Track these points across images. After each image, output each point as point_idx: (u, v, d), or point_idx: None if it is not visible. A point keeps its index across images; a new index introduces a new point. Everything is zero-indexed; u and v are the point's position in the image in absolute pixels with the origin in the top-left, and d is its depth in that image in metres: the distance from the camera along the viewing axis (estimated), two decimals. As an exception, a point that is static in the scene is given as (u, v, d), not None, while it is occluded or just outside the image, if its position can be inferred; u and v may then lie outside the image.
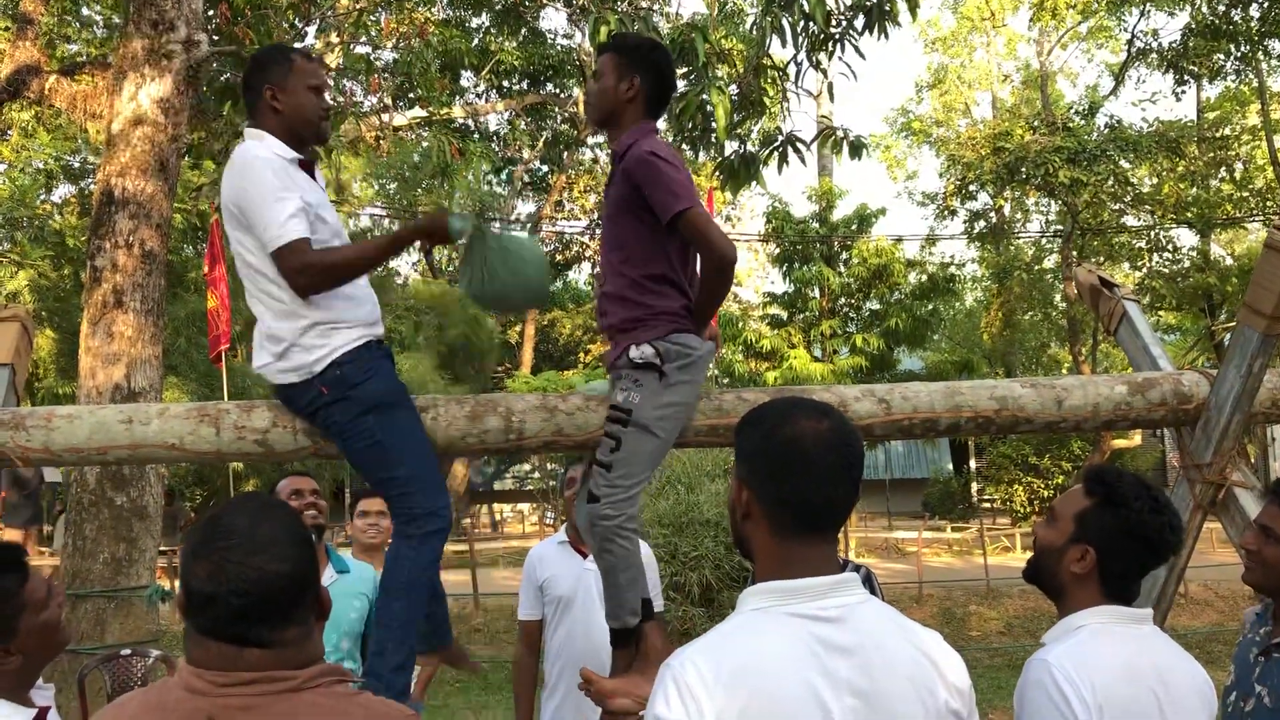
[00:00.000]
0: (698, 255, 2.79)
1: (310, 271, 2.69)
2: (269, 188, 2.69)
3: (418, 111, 15.80)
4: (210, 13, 9.29)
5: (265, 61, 2.89)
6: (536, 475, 28.56)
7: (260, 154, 2.75)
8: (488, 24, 22.58)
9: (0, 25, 12.13)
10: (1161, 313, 24.72)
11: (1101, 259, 23.05)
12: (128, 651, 6.08)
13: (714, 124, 6.23)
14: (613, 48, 2.92)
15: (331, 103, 2.96)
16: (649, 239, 2.75)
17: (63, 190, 20.50)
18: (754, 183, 7.13)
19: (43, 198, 19.03)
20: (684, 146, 6.93)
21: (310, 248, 2.70)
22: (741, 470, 1.66)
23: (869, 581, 2.88)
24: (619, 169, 2.79)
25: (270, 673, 1.55)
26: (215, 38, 8.77)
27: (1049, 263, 28.14)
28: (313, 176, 2.88)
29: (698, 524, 9.23)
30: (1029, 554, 2.30)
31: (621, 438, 2.70)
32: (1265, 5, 17.50)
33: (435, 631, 3.15)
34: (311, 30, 14.77)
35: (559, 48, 23.24)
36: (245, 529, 1.59)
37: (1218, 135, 23.70)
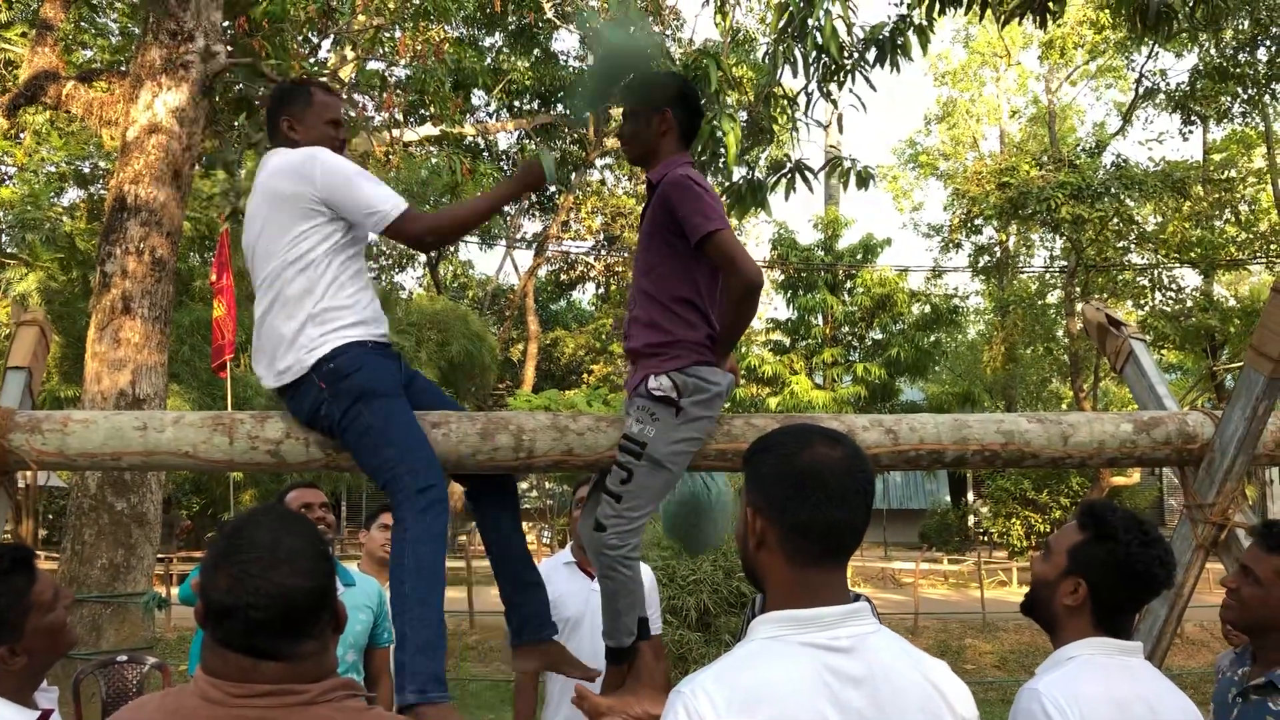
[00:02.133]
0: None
1: (439, 229, 2.90)
2: (354, 169, 2.83)
3: (429, 129, 15.88)
4: (227, 24, 9.37)
5: (285, 95, 3.02)
6: (534, 494, 28.55)
7: (316, 149, 2.85)
8: (501, 44, 22.75)
9: (18, 30, 12.23)
10: (1164, 351, 24.77)
11: (1105, 296, 23.12)
12: (123, 658, 6.07)
13: (723, 150, 6.27)
14: (641, 87, 2.99)
15: (346, 135, 3.05)
16: (678, 263, 2.80)
17: (73, 195, 20.60)
18: (760, 209, 7.17)
19: (53, 201, 19.10)
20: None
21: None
22: (755, 498, 1.66)
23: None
24: (655, 195, 2.84)
25: (285, 685, 1.57)
26: (230, 49, 8.83)
27: (1052, 298, 28.22)
28: None
29: (696, 548, 9.21)
30: (1026, 588, 2.33)
31: (633, 470, 2.73)
32: (1273, 49, 17.62)
33: (527, 624, 3.02)
34: (326, 44, 14.89)
35: (571, 69, 23.40)
36: (266, 542, 1.60)
37: (1223, 177, 23.86)
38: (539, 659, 3.05)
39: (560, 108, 23.70)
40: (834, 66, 6.67)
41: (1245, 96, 19.83)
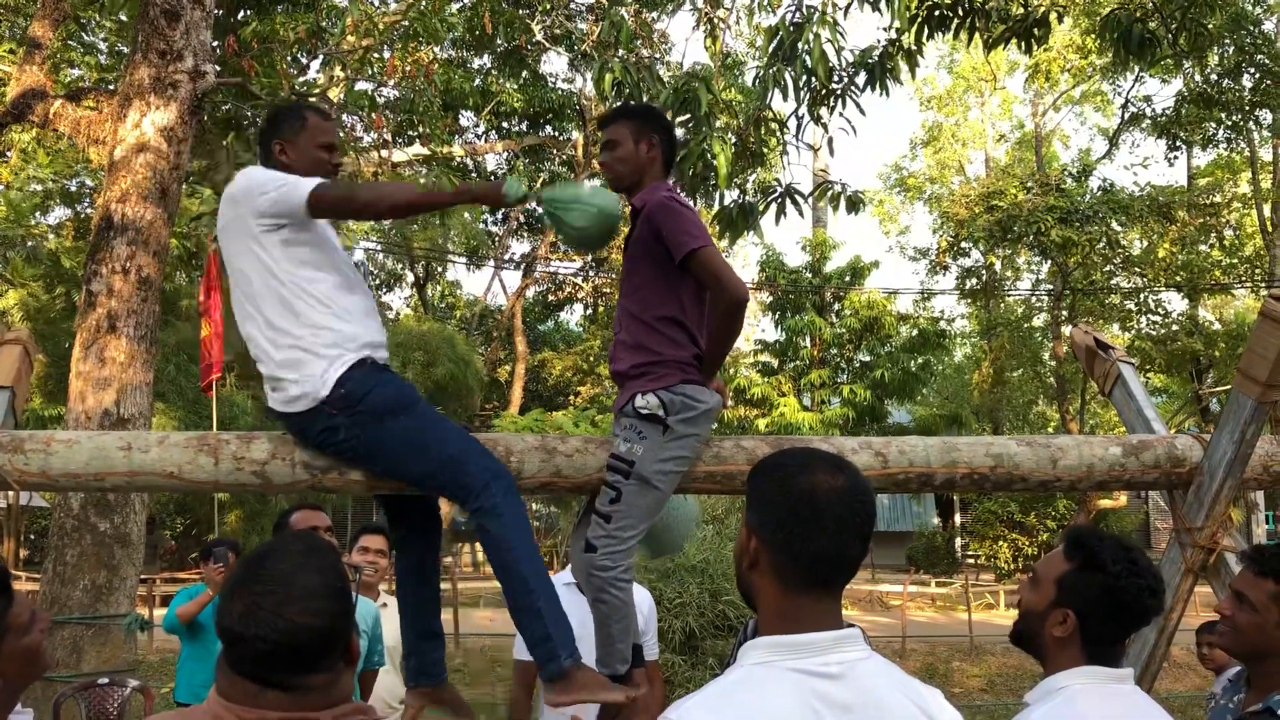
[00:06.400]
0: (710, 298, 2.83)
1: (358, 197, 2.85)
2: (289, 176, 2.79)
3: (418, 149, 15.88)
4: (217, 44, 9.36)
5: (278, 118, 2.96)
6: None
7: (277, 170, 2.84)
8: (489, 65, 22.78)
9: (6, 48, 12.20)
10: (1150, 374, 24.87)
11: (1091, 319, 23.23)
12: (105, 680, 6.00)
13: (714, 173, 6.29)
14: (625, 115, 3.00)
15: (340, 159, 3.00)
16: (663, 282, 2.80)
17: (59, 213, 20.52)
18: (752, 231, 7.19)
19: (38, 219, 19.03)
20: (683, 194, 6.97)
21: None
22: (752, 518, 1.64)
23: None
24: (640, 218, 2.85)
25: (293, 714, 1.58)
26: (219, 68, 8.82)
27: (1038, 320, 28.34)
28: None
29: (683, 570, 9.17)
30: (1012, 611, 2.31)
31: (622, 489, 2.72)
32: (1257, 75, 17.80)
33: (423, 668, 3.06)
34: (316, 64, 14.90)
35: (559, 91, 23.45)
36: (285, 576, 1.61)
37: (1208, 202, 24.03)
38: (431, 700, 3.10)
39: (550, 130, 23.76)
40: (823, 90, 6.71)
41: (1230, 122, 20.01)
